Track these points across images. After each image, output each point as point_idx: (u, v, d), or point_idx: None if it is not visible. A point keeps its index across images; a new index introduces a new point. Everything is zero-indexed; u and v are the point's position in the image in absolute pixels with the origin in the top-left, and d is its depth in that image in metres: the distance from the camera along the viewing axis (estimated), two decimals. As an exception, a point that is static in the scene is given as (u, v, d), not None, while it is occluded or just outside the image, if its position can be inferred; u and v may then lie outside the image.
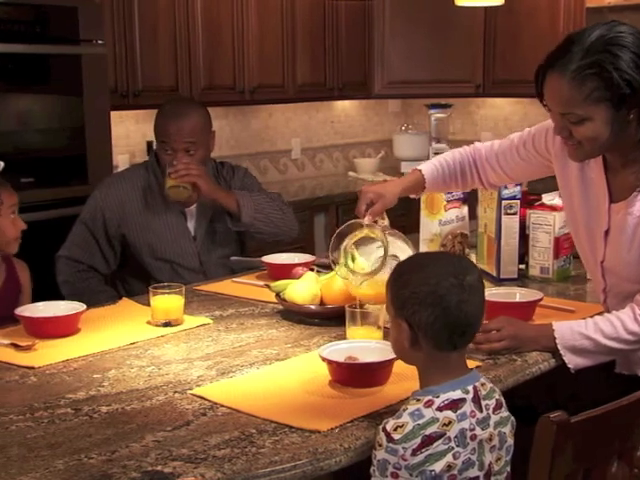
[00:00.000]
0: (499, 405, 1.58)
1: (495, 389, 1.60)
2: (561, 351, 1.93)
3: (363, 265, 2.31)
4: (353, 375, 1.77)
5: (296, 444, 1.51)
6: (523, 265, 2.69)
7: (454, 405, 1.50)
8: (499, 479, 1.57)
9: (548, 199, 2.67)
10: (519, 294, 2.27)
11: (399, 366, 1.75)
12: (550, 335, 1.95)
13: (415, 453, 1.46)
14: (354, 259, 2.31)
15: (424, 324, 1.53)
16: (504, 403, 1.59)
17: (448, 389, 1.52)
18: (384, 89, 5.43)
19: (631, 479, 1.57)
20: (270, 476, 1.43)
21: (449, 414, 1.49)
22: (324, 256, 2.97)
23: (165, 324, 2.22)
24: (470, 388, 1.54)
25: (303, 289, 2.27)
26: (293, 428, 1.57)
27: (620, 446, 1.52)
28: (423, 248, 2.71)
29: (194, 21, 4.34)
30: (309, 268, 2.54)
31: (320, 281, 2.32)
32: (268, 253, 2.82)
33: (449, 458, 1.48)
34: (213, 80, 4.48)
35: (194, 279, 2.79)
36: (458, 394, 1.52)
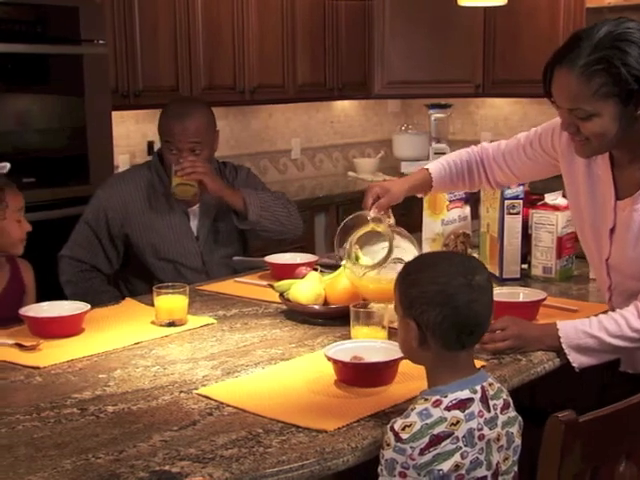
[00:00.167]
0: (507, 405, 1.58)
1: (503, 389, 1.60)
2: (566, 350, 1.93)
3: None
4: (359, 375, 1.77)
5: (303, 444, 1.51)
6: (525, 265, 2.69)
7: (462, 405, 1.50)
8: (506, 479, 1.57)
9: (551, 199, 2.68)
10: (523, 294, 2.27)
11: (405, 366, 1.76)
12: (554, 334, 1.95)
13: (423, 452, 1.46)
14: (358, 259, 2.32)
15: (432, 323, 1.53)
16: (512, 403, 1.60)
17: (456, 389, 1.52)
18: (384, 89, 5.44)
19: (639, 479, 1.57)
20: (278, 476, 1.43)
21: (457, 414, 1.49)
22: (326, 256, 2.99)
23: (169, 324, 2.22)
24: (478, 388, 1.54)
25: (307, 289, 2.27)
26: (300, 428, 1.57)
27: (628, 445, 1.53)
28: (426, 248, 2.71)
29: (194, 21, 4.34)
30: (312, 268, 2.54)
31: (324, 281, 2.32)
32: (270, 253, 2.82)
33: (457, 458, 1.48)
34: (213, 80, 4.48)
35: (196, 279, 2.78)
36: (466, 394, 1.52)
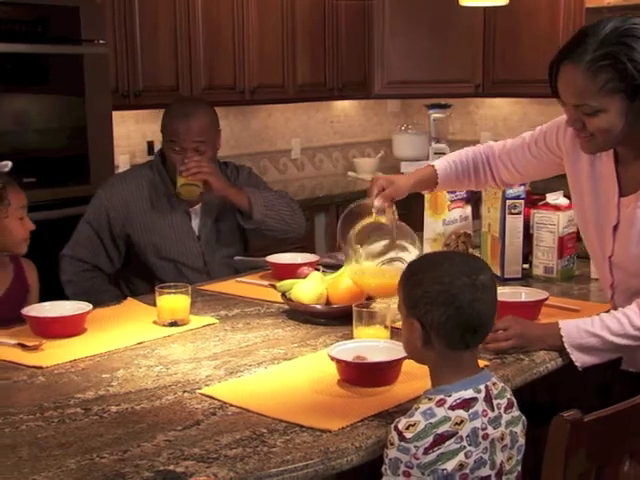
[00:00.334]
0: (510, 404, 1.58)
1: (506, 388, 1.60)
2: (568, 349, 1.93)
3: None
4: (362, 374, 1.77)
5: (307, 443, 1.51)
6: (527, 265, 2.70)
7: (466, 404, 1.51)
8: (510, 478, 1.57)
9: (552, 199, 2.68)
10: (525, 293, 2.28)
11: (407, 365, 1.76)
12: (557, 334, 1.95)
13: (427, 452, 1.46)
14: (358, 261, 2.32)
15: (436, 323, 1.53)
16: (515, 402, 1.60)
17: (460, 388, 1.52)
18: (384, 89, 5.44)
19: (643, 478, 1.57)
20: (282, 475, 1.43)
21: (461, 413, 1.50)
22: (327, 256, 2.99)
23: (171, 324, 2.22)
24: (482, 387, 1.54)
25: (309, 289, 2.27)
26: (304, 427, 1.57)
27: (632, 445, 1.53)
28: (427, 248, 2.71)
29: (195, 21, 4.34)
30: (314, 268, 2.54)
31: (326, 281, 2.32)
32: (271, 253, 2.82)
33: (461, 457, 1.48)
34: (213, 80, 4.48)
35: (198, 279, 2.79)
36: (470, 393, 1.52)
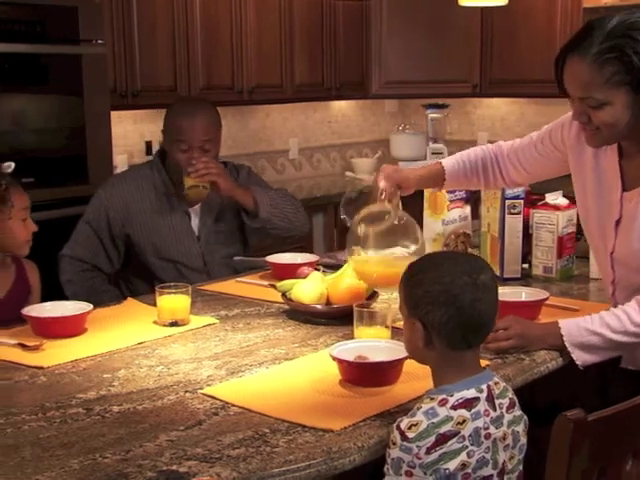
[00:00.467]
0: (512, 404, 1.58)
1: (508, 388, 1.61)
2: (569, 348, 1.93)
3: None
4: (364, 374, 1.78)
5: (310, 443, 1.52)
6: (526, 264, 2.70)
7: (468, 404, 1.51)
8: (512, 477, 1.57)
9: (551, 198, 2.69)
10: (525, 293, 2.28)
11: (409, 365, 1.76)
12: (557, 333, 1.96)
13: (429, 451, 1.47)
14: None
15: (438, 323, 1.54)
16: (517, 402, 1.60)
17: (462, 388, 1.52)
18: (381, 89, 5.44)
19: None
20: (285, 475, 1.43)
21: (463, 413, 1.50)
22: (326, 256, 2.99)
23: (172, 324, 2.22)
24: (484, 387, 1.54)
25: (310, 289, 2.27)
26: (306, 427, 1.58)
27: (635, 444, 1.53)
28: (426, 248, 2.71)
29: (193, 21, 4.34)
30: (314, 268, 2.54)
31: (326, 280, 2.33)
32: (270, 253, 2.83)
33: (463, 457, 1.48)
34: (211, 80, 4.48)
35: (198, 279, 2.78)
36: (472, 393, 1.52)
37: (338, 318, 2.21)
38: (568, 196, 2.72)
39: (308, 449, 1.49)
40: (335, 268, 2.50)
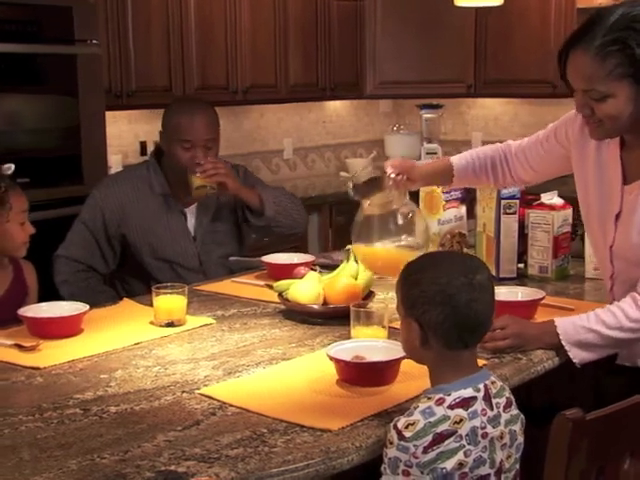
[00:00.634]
0: (509, 403, 1.59)
1: (505, 387, 1.61)
2: (566, 347, 1.94)
3: (361, 269, 2.34)
4: (361, 374, 1.78)
5: (308, 443, 1.52)
6: (522, 264, 2.71)
7: (465, 403, 1.51)
8: (509, 476, 1.58)
9: (547, 198, 2.69)
10: (521, 293, 2.29)
11: (406, 365, 1.77)
12: (553, 332, 1.96)
13: (426, 451, 1.47)
14: (357, 260, 2.33)
15: (434, 323, 1.54)
16: (514, 401, 1.61)
17: (459, 387, 1.53)
18: (376, 89, 5.45)
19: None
20: (284, 475, 1.43)
21: (460, 412, 1.50)
22: (322, 256, 2.99)
23: (168, 324, 2.22)
24: (481, 386, 1.54)
25: (306, 289, 2.27)
26: (304, 427, 1.58)
27: (633, 443, 1.54)
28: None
29: (187, 21, 4.35)
30: (310, 268, 2.54)
31: (323, 280, 2.33)
32: (266, 253, 2.83)
33: (460, 456, 1.49)
34: (206, 80, 4.48)
35: (194, 279, 2.78)
36: (469, 392, 1.53)
37: (335, 318, 2.21)
38: (563, 196, 2.73)
39: (306, 449, 1.49)
40: (331, 268, 2.50)
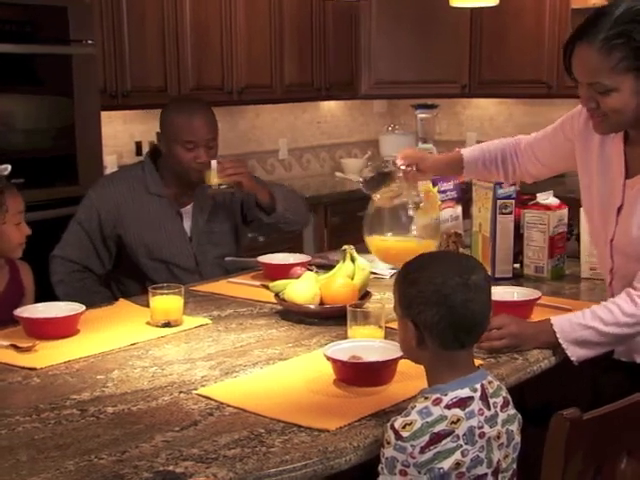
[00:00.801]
0: (506, 403, 1.59)
1: (502, 387, 1.61)
2: (563, 345, 1.94)
3: (363, 265, 2.34)
4: (358, 374, 1.78)
5: (306, 443, 1.52)
6: (517, 264, 2.71)
7: (462, 403, 1.52)
8: (506, 476, 1.58)
9: (542, 198, 2.70)
10: (517, 293, 2.29)
11: (403, 365, 1.77)
12: (549, 330, 1.96)
13: (423, 451, 1.47)
14: (354, 260, 2.34)
15: (430, 324, 1.54)
16: (511, 401, 1.61)
17: (456, 387, 1.53)
18: (371, 89, 5.45)
19: (640, 476, 1.58)
20: (282, 475, 1.44)
21: (457, 412, 1.50)
22: (318, 256, 3.00)
23: (165, 324, 2.22)
24: (478, 386, 1.55)
25: (303, 289, 2.27)
26: (302, 427, 1.58)
27: (630, 443, 1.54)
28: (418, 248, 2.72)
29: (182, 22, 4.34)
30: (306, 268, 2.55)
31: (319, 281, 2.33)
32: (262, 253, 2.83)
33: (457, 456, 1.49)
34: (201, 80, 4.48)
35: (190, 279, 2.78)
36: (466, 392, 1.53)
37: (331, 318, 2.22)
38: (559, 196, 2.73)
39: (304, 449, 1.49)
40: (327, 268, 2.50)
